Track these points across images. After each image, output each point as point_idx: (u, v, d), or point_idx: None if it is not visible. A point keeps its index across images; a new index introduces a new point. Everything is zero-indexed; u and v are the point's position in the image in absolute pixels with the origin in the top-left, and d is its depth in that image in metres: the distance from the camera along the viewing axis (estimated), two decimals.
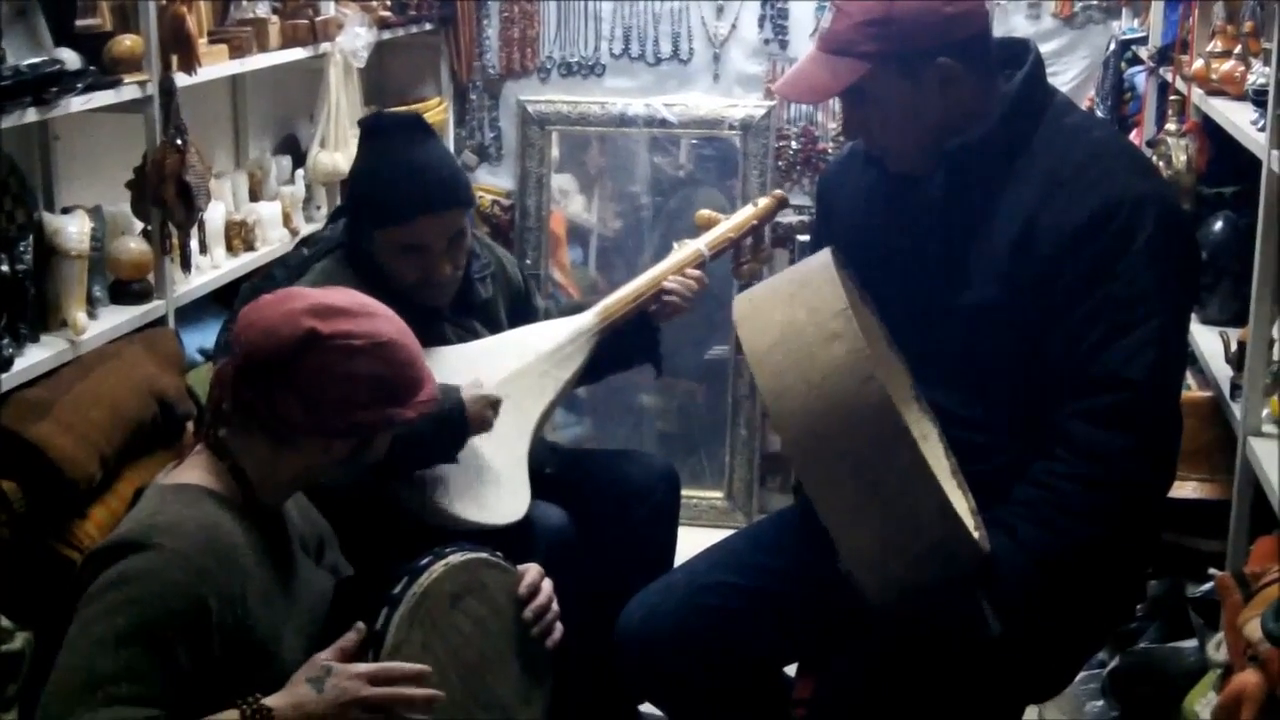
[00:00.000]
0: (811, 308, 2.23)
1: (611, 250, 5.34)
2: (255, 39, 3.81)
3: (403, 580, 2.22)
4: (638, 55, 5.01)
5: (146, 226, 3.40)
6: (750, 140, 4.94)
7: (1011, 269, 2.44)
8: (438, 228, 2.97)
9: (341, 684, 2.09)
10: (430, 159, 3.01)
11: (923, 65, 2.46)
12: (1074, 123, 2.54)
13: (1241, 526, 2.88)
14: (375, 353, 2.19)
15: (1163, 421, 2.41)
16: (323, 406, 2.17)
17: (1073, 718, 3.44)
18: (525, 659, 2.39)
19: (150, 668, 1.99)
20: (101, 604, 2.02)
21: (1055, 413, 2.40)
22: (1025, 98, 2.51)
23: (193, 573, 2.04)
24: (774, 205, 3.33)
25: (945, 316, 2.51)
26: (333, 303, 2.21)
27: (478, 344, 3.12)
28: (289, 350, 2.15)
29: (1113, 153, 2.51)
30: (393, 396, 2.22)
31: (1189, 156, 3.51)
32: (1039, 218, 2.43)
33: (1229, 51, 3.29)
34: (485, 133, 5.15)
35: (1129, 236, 2.38)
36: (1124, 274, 2.37)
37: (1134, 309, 2.36)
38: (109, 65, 3.15)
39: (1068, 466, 2.37)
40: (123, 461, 2.97)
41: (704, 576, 2.76)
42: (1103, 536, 2.38)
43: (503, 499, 2.93)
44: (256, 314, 2.21)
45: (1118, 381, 2.35)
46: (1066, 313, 2.39)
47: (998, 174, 2.49)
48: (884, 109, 2.51)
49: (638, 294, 3.19)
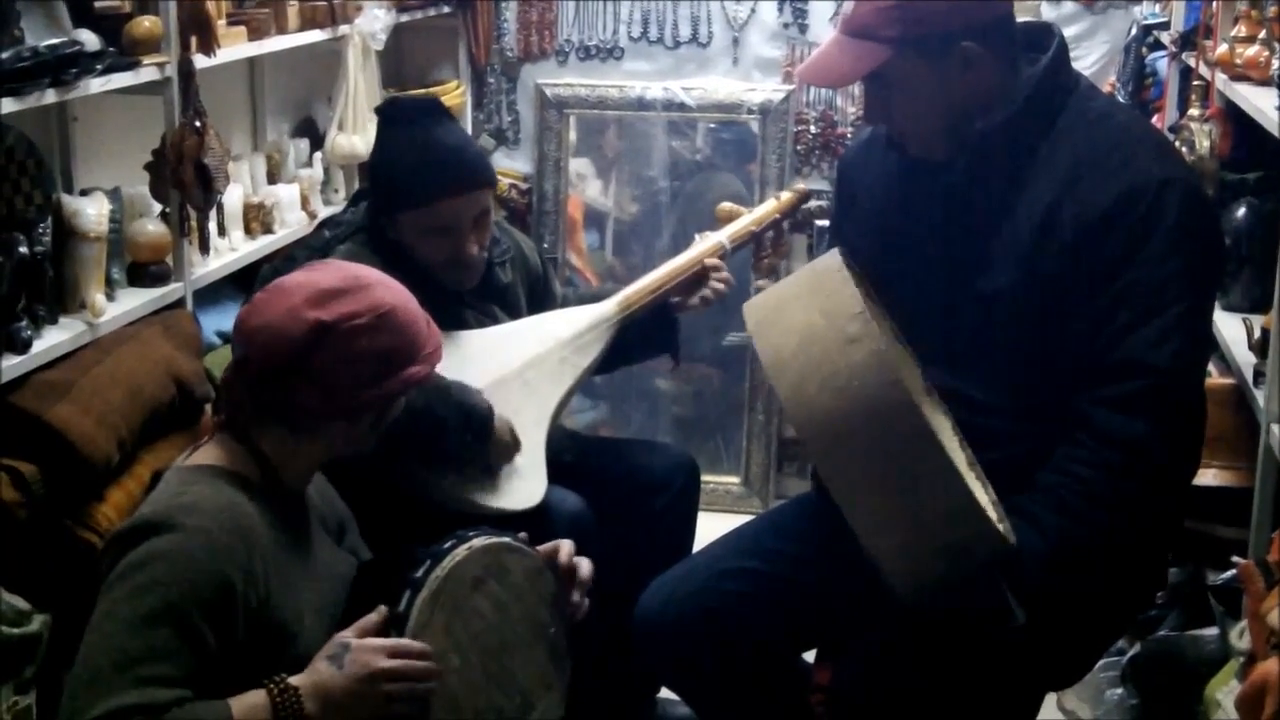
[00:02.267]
0: (827, 312, 2.22)
1: (628, 235, 5.33)
2: (274, 21, 3.80)
3: (425, 563, 2.22)
4: (656, 39, 5.00)
5: (165, 209, 3.40)
6: (769, 125, 4.92)
7: (1034, 254, 2.42)
8: (462, 208, 2.98)
9: (360, 658, 2.09)
10: (450, 140, 3.02)
11: (945, 49, 2.44)
12: (1098, 108, 2.52)
13: (1264, 514, 2.86)
14: (381, 324, 2.19)
15: (1187, 408, 2.40)
16: (342, 390, 2.17)
17: (1092, 705, 3.43)
18: (545, 643, 2.38)
19: (178, 648, 2.00)
20: (127, 585, 2.02)
21: (1078, 399, 2.38)
22: (1049, 83, 2.49)
23: (217, 552, 2.05)
24: (796, 200, 3.33)
25: (967, 302, 2.50)
26: (327, 286, 2.20)
27: (498, 329, 3.12)
28: (300, 348, 2.15)
29: (1137, 138, 2.49)
30: (406, 359, 2.23)
31: (1212, 142, 3.49)
32: (1062, 203, 2.41)
33: (1253, 37, 3.27)
34: (503, 116, 5.14)
35: (1153, 222, 2.36)
36: (1148, 260, 2.36)
37: (1158, 295, 2.35)
38: (128, 47, 3.15)
39: (1091, 453, 2.36)
40: (140, 444, 2.97)
41: (723, 562, 2.75)
42: (1127, 524, 2.37)
43: (520, 485, 2.94)
44: (256, 317, 2.20)
45: (1142, 368, 2.34)
46: (1090, 299, 2.38)
47: (1021, 159, 2.47)
48: (906, 94, 2.49)
49: (659, 284, 3.19)
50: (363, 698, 2.09)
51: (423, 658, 2.14)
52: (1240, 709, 2.22)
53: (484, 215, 3.03)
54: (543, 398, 3.04)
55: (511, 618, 2.32)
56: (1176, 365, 2.34)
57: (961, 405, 2.52)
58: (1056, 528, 2.34)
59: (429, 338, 2.28)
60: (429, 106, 3.11)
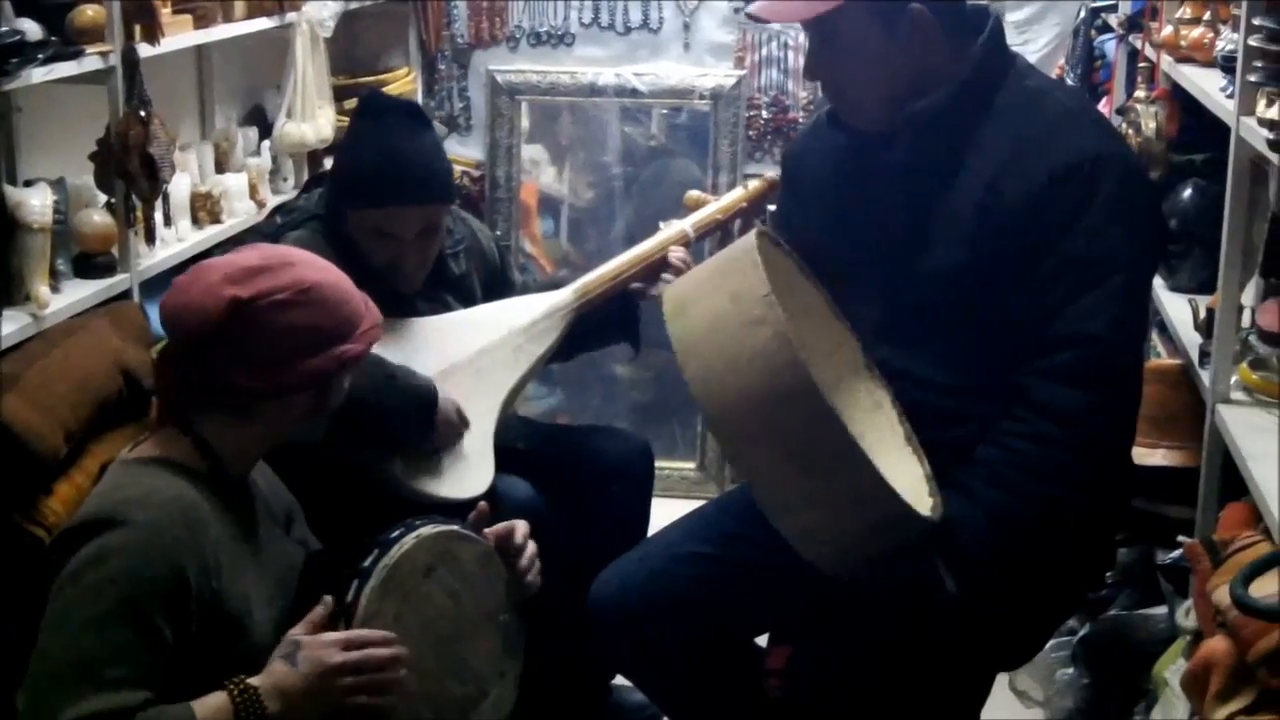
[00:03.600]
0: (735, 295, 2.23)
1: (583, 221, 5.32)
2: (220, 9, 3.77)
3: (373, 552, 2.21)
4: (607, 24, 4.99)
5: (110, 199, 3.36)
6: (721, 110, 4.92)
7: (976, 231, 2.44)
8: (409, 219, 2.97)
9: (313, 654, 2.09)
10: (415, 149, 3.01)
11: (896, 9, 2.46)
12: (1035, 86, 2.55)
13: (1211, 494, 2.89)
14: (304, 300, 2.17)
15: (1123, 379, 2.42)
16: (270, 367, 2.16)
17: (1043, 685, 3.45)
18: (498, 631, 2.38)
19: (138, 647, 1.99)
20: (82, 585, 2.01)
21: (1018, 373, 2.40)
22: (987, 61, 2.51)
23: (169, 545, 2.04)
24: (764, 189, 3.30)
25: (912, 281, 2.51)
26: (248, 264, 2.19)
27: (449, 316, 3.11)
28: (218, 324, 2.13)
29: (1073, 114, 2.52)
30: (337, 336, 2.21)
31: (1158, 124, 3.51)
32: (1002, 179, 2.43)
33: (1198, 18, 3.29)
34: (454, 103, 5.12)
35: (1090, 196, 2.38)
36: (1085, 233, 2.38)
37: (1095, 267, 2.37)
38: (71, 36, 3.11)
39: (1025, 425, 2.37)
40: (89, 436, 2.94)
41: (676, 547, 2.75)
42: (1060, 495, 2.37)
43: (467, 473, 2.93)
44: (177, 297, 2.19)
45: (1078, 339, 2.36)
46: (1029, 272, 2.39)
47: (961, 138, 2.49)
48: (850, 49, 2.51)
49: (617, 272, 3.17)
50: (321, 694, 2.09)
51: (385, 644, 2.13)
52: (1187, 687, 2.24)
53: (432, 230, 3.03)
54: (494, 385, 3.03)
55: (463, 605, 2.31)
56: (1113, 335, 2.36)
57: (912, 384, 2.53)
58: (990, 499, 2.36)
59: (364, 317, 2.26)
60: (408, 110, 3.11)
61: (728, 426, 2.23)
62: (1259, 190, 2.97)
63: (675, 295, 2.36)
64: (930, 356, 2.51)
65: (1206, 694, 2.13)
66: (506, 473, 3.00)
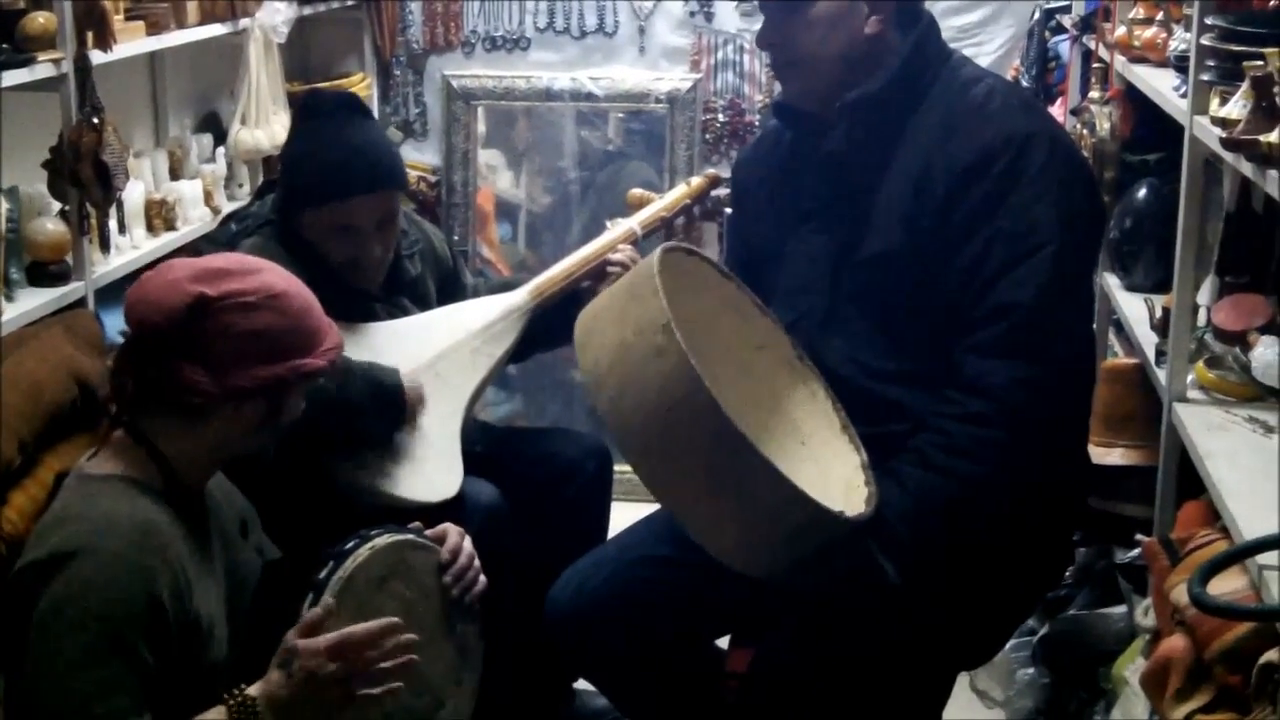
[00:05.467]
0: (638, 326, 2.25)
1: (540, 226, 5.32)
2: (173, 15, 3.75)
3: (329, 564, 2.20)
4: (562, 29, 4.98)
5: (64, 207, 3.34)
6: (677, 113, 4.93)
7: (911, 214, 2.47)
8: (369, 208, 2.95)
9: (308, 664, 2.07)
10: (365, 139, 2.99)
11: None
12: (968, 74, 2.59)
13: (1168, 492, 2.90)
14: (269, 305, 2.18)
15: (1053, 349, 2.39)
16: (226, 369, 2.15)
17: (1003, 685, 3.46)
18: (455, 639, 2.37)
19: (128, 678, 2.00)
20: (63, 624, 2.00)
21: (953, 354, 2.41)
22: (922, 51, 2.56)
23: (141, 573, 2.04)
24: (706, 185, 3.33)
25: (854, 268, 2.53)
26: (216, 266, 2.20)
27: (407, 320, 3.09)
28: (181, 319, 2.13)
29: (1003, 95, 2.56)
30: (296, 347, 2.21)
31: (1113, 124, 3.53)
32: (934, 160, 2.46)
33: (1151, 18, 3.31)
34: (410, 108, 5.11)
35: (1018, 171, 2.41)
36: (1014, 207, 2.40)
37: (1024, 240, 2.38)
38: (22, 43, 3.10)
39: (955, 406, 2.38)
40: (43, 446, 2.91)
41: (634, 550, 2.75)
42: (989, 474, 2.36)
43: (435, 476, 2.91)
44: (141, 290, 2.19)
45: (1006, 309, 2.36)
46: (961, 250, 2.41)
47: (896, 125, 2.52)
48: (806, 21, 2.54)
49: (570, 272, 3.17)
50: (316, 703, 2.09)
51: (382, 635, 2.12)
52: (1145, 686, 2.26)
53: (390, 217, 3.01)
54: (455, 389, 3.02)
55: (418, 615, 2.30)
56: (1040, 304, 2.35)
57: (860, 373, 2.54)
58: (918, 483, 2.36)
59: (326, 335, 2.27)
60: (347, 102, 3.09)
61: (643, 456, 2.26)
62: (1213, 189, 2.99)
63: (583, 325, 2.38)
64: (877, 344, 2.53)
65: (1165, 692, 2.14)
66: (468, 476, 2.98)
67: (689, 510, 2.27)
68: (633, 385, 2.23)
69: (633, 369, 2.23)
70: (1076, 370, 2.48)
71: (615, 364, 2.26)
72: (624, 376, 2.24)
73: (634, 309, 2.28)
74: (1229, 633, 2.02)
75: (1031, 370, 2.35)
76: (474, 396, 3.06)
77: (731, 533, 2.26)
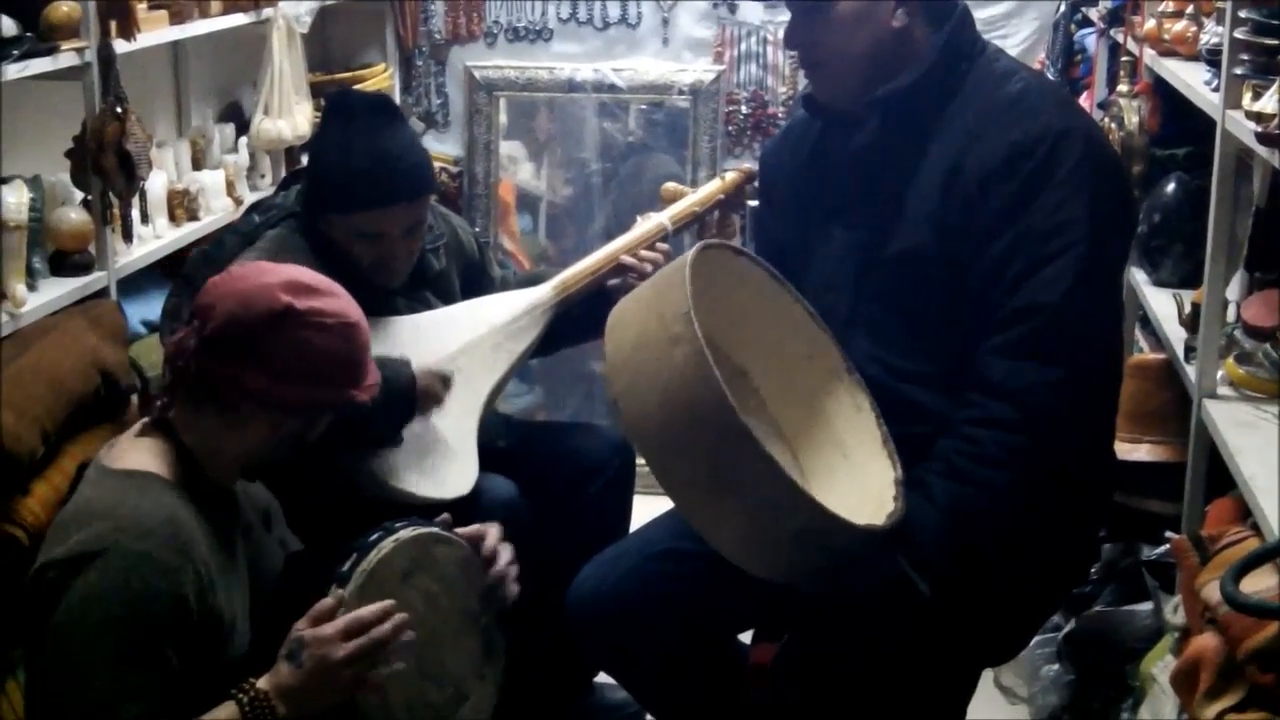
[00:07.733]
0: (661, 314, 2.25)
1: (561, 217, 5.31)
2: (196, 4, 3.75)
3: (351, 557, 2.20)
4: (585, 20, 4.97)
5: (87, 196, 3.34)
6: (700, 105, 4.91)
7: (941, 211, 2.44)
8: (398, 218, 2.92)
9: (316, 652, 2.09)
10: (396, 147, 2.93)
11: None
12: (1002, 69, 2.55)
13: (1197, 489, 2.88)
14: (341, 332, 2.20)
15: (1083, 350, 2.36)
16: (284, 381, 2.16)
17: (1028, 681, 3.45)
18: (478, 634, 2.36)
19: (152, 680, 2.01)
20: (89, 625, 2.01)
21: (977, 355, 2.38)
22: (955, 45, 2.52)
23: (168, 573, 2.04)
24: (741, 179, 3.28)
25: (883, 266, 2.51)
26: (304, 280, 2.22)
27: (429, 315, 3.08)
28: (264, 323, 2.15)
29: (1037, 92, 2.52)
30: (350, 377, 2.24)
31: (1141, 118, 3.50)
32: (965, 158, 2.43)
33: (1181, 11, 3.28)
34: (431, 99, 5.10)
35: (1050, 169, 2.38)
36: (1044, 206, 2.37)
37: (1053, 239, 2.35)
38: (46, 32, 3.09)
39: (981, 410, 2.35)
40: (65, 436, 2.92)
41: (656, 544, 2.73)
42: (1020, 481, 2.34)
43: (451, 472, 2.90)
44: (229, 286, 2.20)
45: (1031, 310, 2.33)
46: (990, 248, 2.38)
47: (928, 119, 2.50)
48: (835, 20, 2.51)
49: (596, 268, 3.14)
50: (329, 689, 2.10)
51: (385, 616, 2.13)
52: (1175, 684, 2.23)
53: (418, 223, 2.98)
54: (475, 384, 3.00)
55: (441, 609, 2.29)
56: (1067, 304, 2.32)
57: (884, 372, 2.52)
58: (946, 494, 2.34)
59: (370, 373, 2.29)
60: (378, 105, 3.03)
61: (651, 445, 2.26)
62: (1243, 184, 2.97)
63: (614, 315, 2.38)
64: (907, 345, 2.51)
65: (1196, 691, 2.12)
66: (486, 471, 2.97)
67: (692, 502, 2.27)
68: (646, 371, 2.22)
69: (649, 355, 2.22)
70: (1103, 373, 2.44)
71: (634, 350, 2.25)
72: (640, 363, 2.24)
73: (660, 298, 2.27)
74: (1261, 632, 2.00)
75: (1057, 373, 2.32)
76: (494, 393, 3.05)
77: (732, 528, 2.25)
